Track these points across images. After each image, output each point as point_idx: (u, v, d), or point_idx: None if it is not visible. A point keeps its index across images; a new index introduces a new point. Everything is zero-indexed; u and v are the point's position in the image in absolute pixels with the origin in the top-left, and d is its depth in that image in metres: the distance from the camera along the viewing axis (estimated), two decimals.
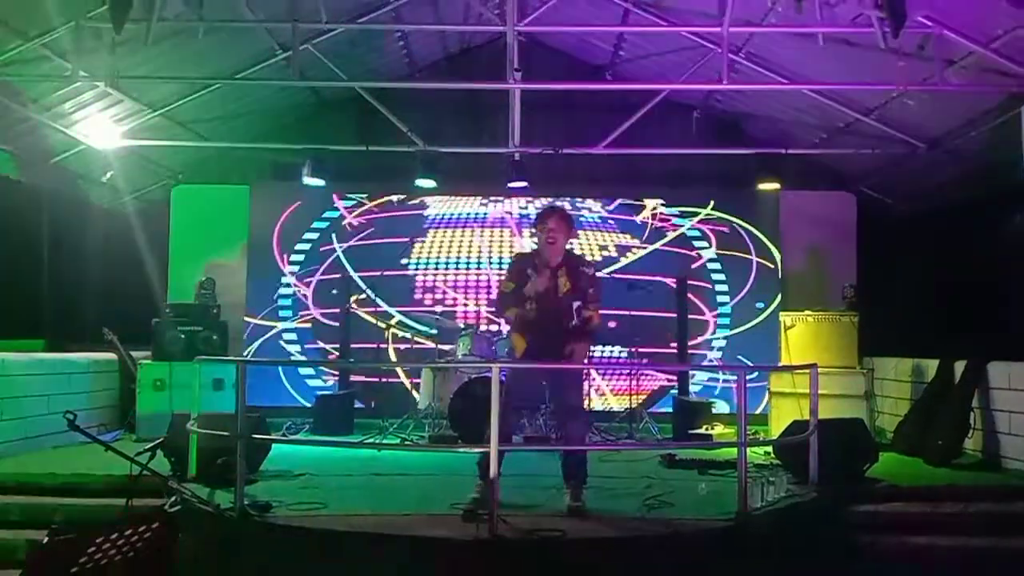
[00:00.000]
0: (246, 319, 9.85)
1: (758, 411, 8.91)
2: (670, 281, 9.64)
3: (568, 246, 5.29)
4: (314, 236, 10.10)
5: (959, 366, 7.36)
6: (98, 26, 6.76)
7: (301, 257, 10.09)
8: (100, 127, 8.19)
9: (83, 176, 9.04)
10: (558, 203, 7.76)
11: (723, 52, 7.24)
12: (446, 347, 8.66)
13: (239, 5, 7.27)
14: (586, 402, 6.05)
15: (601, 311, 5.34)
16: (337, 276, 9.93)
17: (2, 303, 7.34)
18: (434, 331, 9.15)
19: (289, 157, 9.54)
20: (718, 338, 10.00)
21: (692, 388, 9.48)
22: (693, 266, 9.97)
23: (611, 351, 9.81)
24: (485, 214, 10.17)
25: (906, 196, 9.94)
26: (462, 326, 9.27)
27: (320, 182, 9.24)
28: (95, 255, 9.18)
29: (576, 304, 5.13)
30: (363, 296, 9.51)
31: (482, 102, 9.86)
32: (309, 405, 9.28)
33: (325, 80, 8.88)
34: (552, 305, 5.12)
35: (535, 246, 5.39)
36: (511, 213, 10.14)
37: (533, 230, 5.25)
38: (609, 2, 8.47)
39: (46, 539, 3.19)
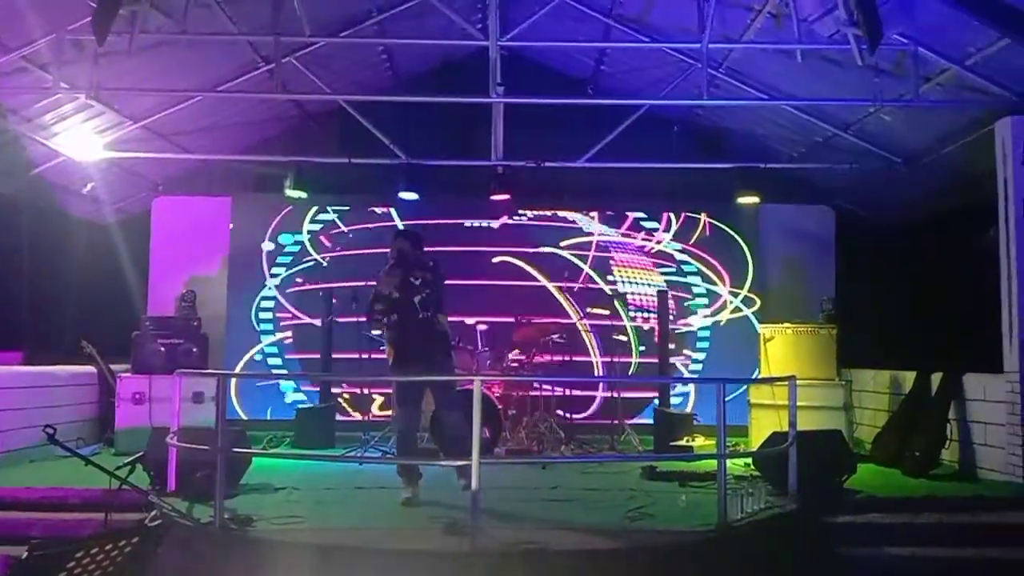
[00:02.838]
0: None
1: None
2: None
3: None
4: (295, 249, 10.11)
5: (936, 378, 7.46)
6: (80, 38, 6.76)
7: (282, 270, 10.09)
8: (81, 139, 8.15)
9: (63, 188, 8.98)
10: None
11: (703, 68, 7.32)
12: None
13: (222, 18, 7.26)
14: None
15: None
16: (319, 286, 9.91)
17: None
18: None
19: (271, 169, 9.54)
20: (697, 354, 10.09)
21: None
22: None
23: None
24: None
25: (884, 210, 10.06)
26: None
27: (302, 194, 9.24)
28: (75, 267, 9.11)
29: (417, 298, 5.94)
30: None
31: (465, 115, 9.88)
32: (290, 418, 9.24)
33: (308, 92, 8.88)
34: (406, 309, 5.94)
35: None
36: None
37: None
38: (591, 18, 8.54)
39: (25, 554, 3.17)
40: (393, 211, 10.16)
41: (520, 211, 10.23)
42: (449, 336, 6.35)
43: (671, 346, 9.47)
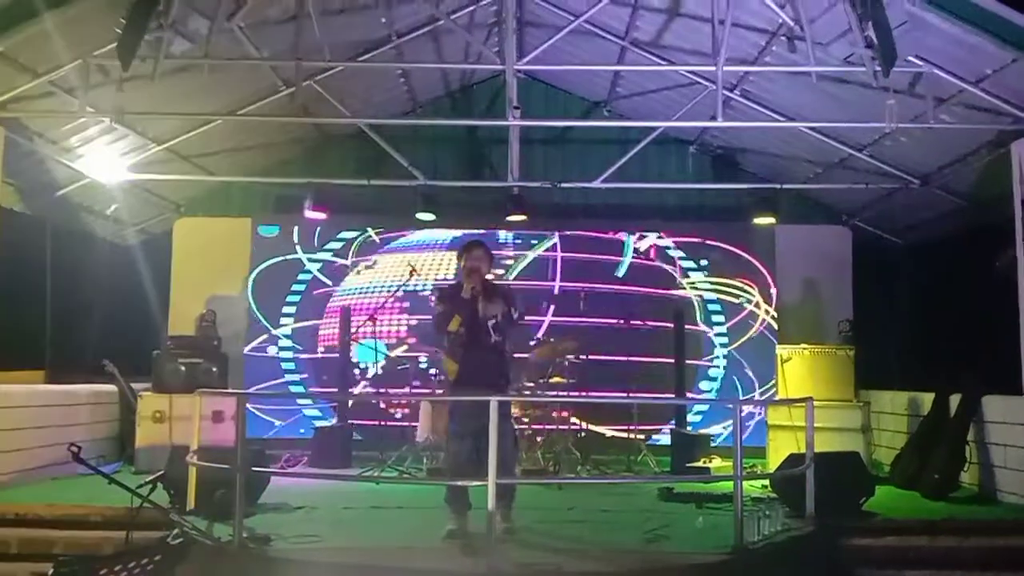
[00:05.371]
0: (247, 353, 9.91)
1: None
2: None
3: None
4: (307, 277, 10.20)
5: (955, 399, 7.41)
6: (105, 63, 6.91)
7: (298, 296, 10.18)
8: (105, 161, 8.30)
9: (87, 208, 9.14)
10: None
11: (718, 90, 7.37)
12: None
13: (244, 43, 7.42)
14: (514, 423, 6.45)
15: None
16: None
17: (4, 334, 7.40)
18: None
19: (291, 190, 9.66)
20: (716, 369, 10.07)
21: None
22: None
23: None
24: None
25: (900, 230, 10.05)
26: None
27: (322, 215, 9.34)
28: (97, 287, 9.24)
29: (492, 321, 5.56)
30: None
31: (482, 137, 10.01)
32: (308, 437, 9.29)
33: (328, 116, 9.01)
34: (478, 330, 5.55)
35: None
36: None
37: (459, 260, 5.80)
38: (606, 41, 8.62)
39: (51, 570, 3.23)
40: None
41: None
42: (511, 365, 5.99)
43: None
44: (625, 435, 9.05)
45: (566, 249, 10.17)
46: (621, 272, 10.14)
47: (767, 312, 10.05)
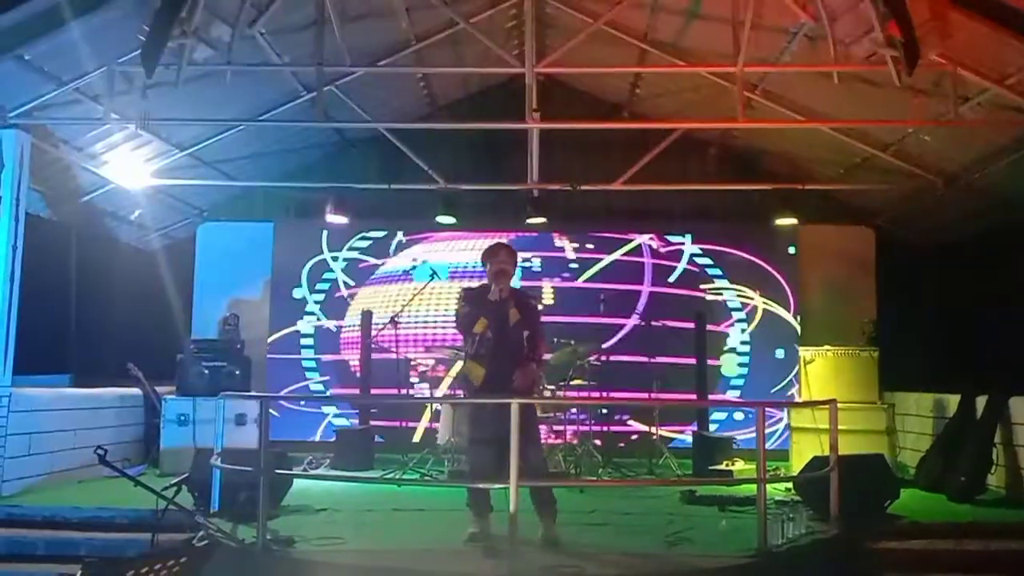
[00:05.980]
0: (270, 356, 9.97)
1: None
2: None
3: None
4: (332, 276, 10.26)
5: (980, 401, 7.33)
6: (129, 70, 7.00)
7: (321, 296, 10.22)
8: (129, 167, 8.40)
9: (111, 214, 9.24)
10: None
11: (738, 90, 7.34)
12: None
13: (266, 49, 7.48)
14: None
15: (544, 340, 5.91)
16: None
17: (30, 339, 7.49)
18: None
19: (313, 195, 9.73)
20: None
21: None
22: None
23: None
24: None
25: (924, 230, 9.95)
26: None
27: (343, 219, 9.39)
28: (121, 291, 9.33)
29: (526, 334, 5.52)
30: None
31: (501, 140, 10.00)
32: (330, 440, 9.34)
33: (348, 120, 9.07)
34: (505, 335, 5.45)
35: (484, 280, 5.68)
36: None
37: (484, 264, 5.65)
38: (626, 43, 8.60)
39: (79, 572, 3.27)
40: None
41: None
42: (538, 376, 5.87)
43: None
44: (647, 435, 9.02)
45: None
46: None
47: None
